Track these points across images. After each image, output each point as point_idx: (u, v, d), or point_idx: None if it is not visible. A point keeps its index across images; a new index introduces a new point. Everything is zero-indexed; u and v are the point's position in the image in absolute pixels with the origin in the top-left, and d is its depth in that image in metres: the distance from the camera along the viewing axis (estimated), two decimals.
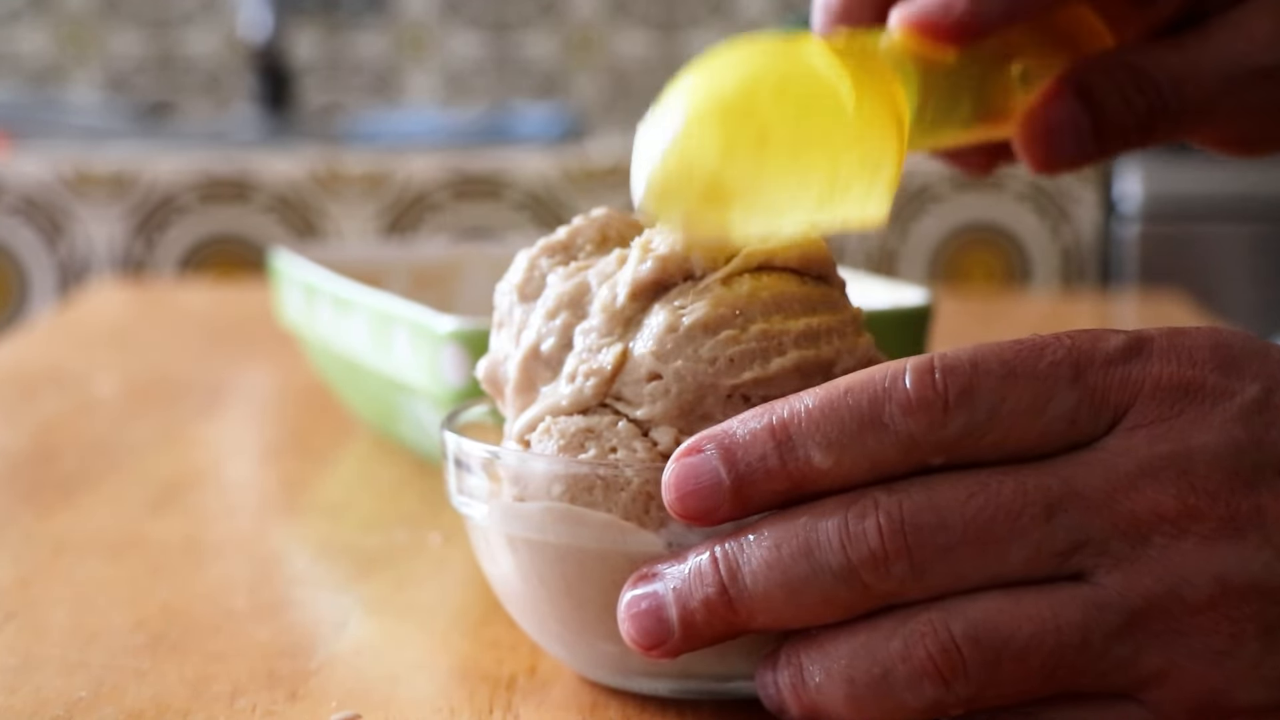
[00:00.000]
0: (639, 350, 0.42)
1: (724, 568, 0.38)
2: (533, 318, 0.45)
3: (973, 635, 0.36)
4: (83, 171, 1.70)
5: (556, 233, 0.46)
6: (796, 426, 0.37)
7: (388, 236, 1.71)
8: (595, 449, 0.42)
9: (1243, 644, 0.36)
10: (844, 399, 0.37)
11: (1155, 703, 0.37)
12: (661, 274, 0.43)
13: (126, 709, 0.44)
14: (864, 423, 0.37)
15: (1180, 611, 0.36)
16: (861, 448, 0.37)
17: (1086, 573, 0.36)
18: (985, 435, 0.37)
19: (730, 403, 0.42)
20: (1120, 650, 0.36)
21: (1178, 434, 0.36)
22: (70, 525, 0.61)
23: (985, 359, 0.37)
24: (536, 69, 2.24)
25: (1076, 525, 0.36)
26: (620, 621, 0.39)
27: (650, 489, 0.41)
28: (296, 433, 0.80)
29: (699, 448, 0.38)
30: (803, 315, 0.43)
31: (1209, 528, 0.36)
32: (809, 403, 0.37)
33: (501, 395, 0.46)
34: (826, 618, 0.37)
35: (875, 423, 0.37)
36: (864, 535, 0.36)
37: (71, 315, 1.12)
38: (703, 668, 0.42)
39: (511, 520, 0.43)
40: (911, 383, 0.37)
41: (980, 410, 0.37)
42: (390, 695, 0.45)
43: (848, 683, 0.37)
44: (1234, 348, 0.38)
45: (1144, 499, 0.36)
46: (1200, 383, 0.37)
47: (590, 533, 0.42)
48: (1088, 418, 0.37)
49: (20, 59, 2.24)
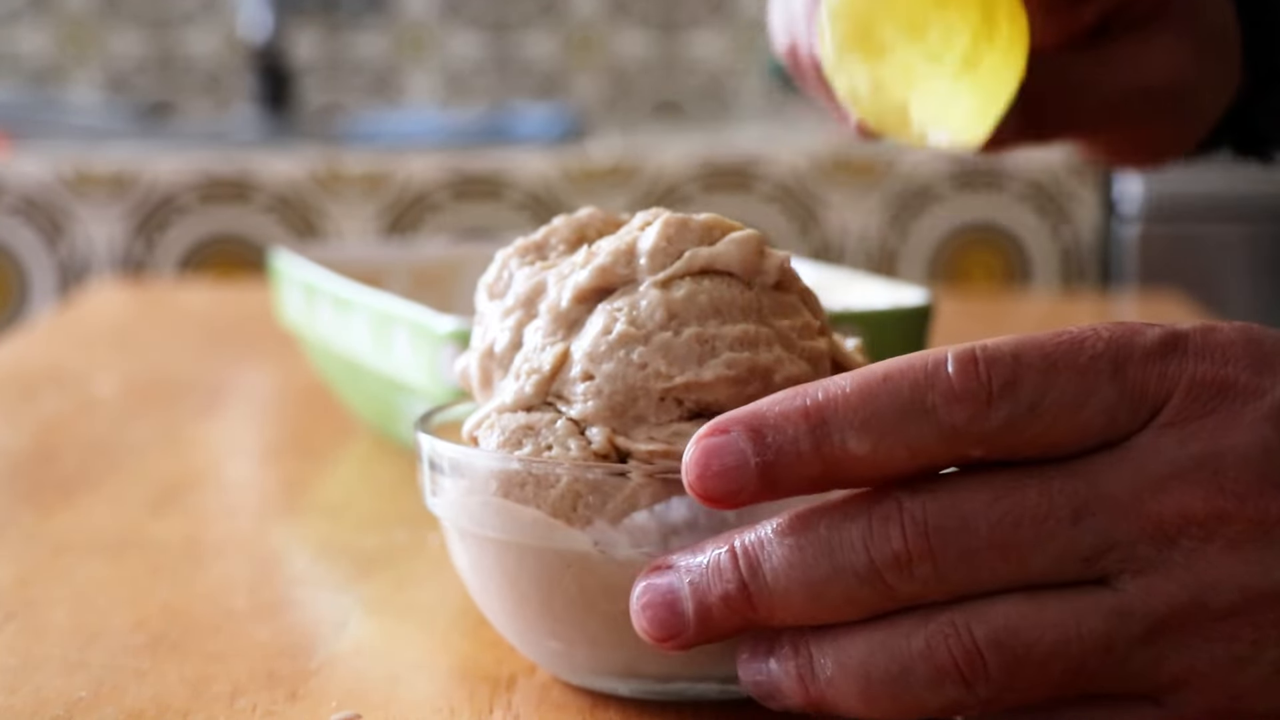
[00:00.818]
0: (577, 351, 0.43)
1: (744, 564, 0.37)
2: (493, 316, 0.45)
3: (995, 640, 0.36)
4: (83, 171, 1.70)
5: (535, 233, 0.47)
6: (833, 410, 0.36)
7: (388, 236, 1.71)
8: (531, 446, 0.42)
9: (1265, 650, 0.36)
10: (882, 385, 0.36)
11: (1175, 705, 0.37)
12: (603, 280, 0.43)
13: (126, 709, 0.44)
14: (905, 410, 0.36)
15: (1204, 618, 0.36)
16: (901, 435, 0.36)
17: (1111, 577, 0.36)
18: (1026, 429, 0.36)
19: (663, 405, 0.42)
20: (1143, 656, 0.36)
21: (1209, 434, 0.36)
22: (70, 525, 0.61)
23: (1027, 351, 0.36)
24: (536, 69, 2.24)
25: (1103, 529, 0.36)
26: (633, 612, 0.39)
27: (578, 487, 0.41)
28: (296, 433, 0.80)
29: (724, 428, 0.37)
30: (741, 320, 0.43)
31: (1236, 530, 0.36)
32: (846, 387, 0.37)
33: (473, 392, 0.46)
34: (847, 616, 0.37)
35: (917, 411, 0.36)
36: (888, 538, 0.36)
37: (71, 315, 1.11)
38: (652, 668, 0.43)
39: (459, 514, 0.44)
40: (955, 372, 0.36)
41: (1023, 403, 0.36)
42: (390, 695, 0.45)
43: (863, 677, 0.37)
44: (1265, 345, 0.37)
45: (1172, 501, 0.36)
46: (1233, 381, 0.37)
47: (523, 528, 0.42)
48: (1126, 413, 0.36)
49: (20, 59, 2.24)
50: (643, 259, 0.43)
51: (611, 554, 0.41)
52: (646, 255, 0.43)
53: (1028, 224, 1.75)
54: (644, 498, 0.41)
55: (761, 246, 0.44)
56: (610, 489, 0.41)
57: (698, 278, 0.43)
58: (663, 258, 0.43)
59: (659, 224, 0.44)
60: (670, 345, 0.42)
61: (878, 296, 0.66)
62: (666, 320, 0.42)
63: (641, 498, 0.41)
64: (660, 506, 0.41)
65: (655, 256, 0.43)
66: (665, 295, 0.42)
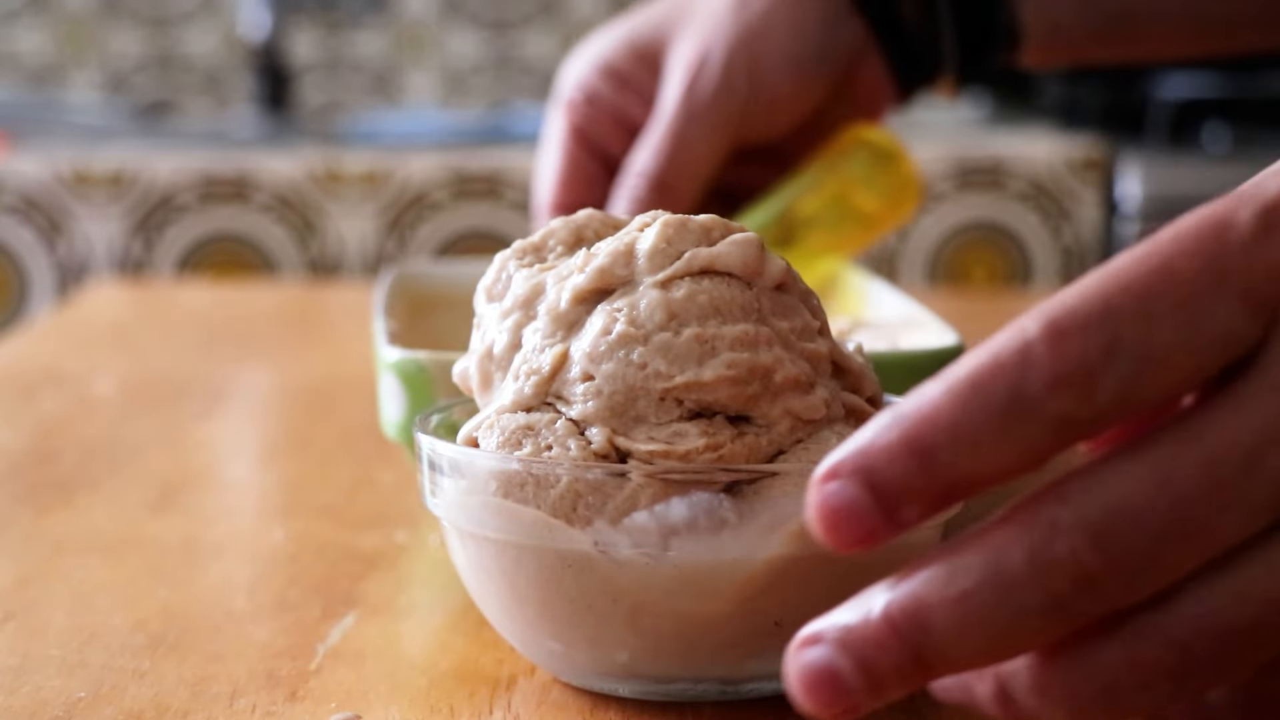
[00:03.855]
0: (576, 352, 0.43)
1: (910, 633, 0.33)
2: (491, 319, 0.45)
3: (1199, 629, 0.33)
4: (82, 171, 1.70)
5: (533, 235, 0.47)
6: (933, 434, 0.33)
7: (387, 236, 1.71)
8: (531, 446, 0.42)
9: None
10: (974, 393, 0.33)
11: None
12: (601, 281, 0.43)
13: (126, 709, 0.44)
14: (1008, 414, 0.32)
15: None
16: (1014, 442, 0.33)
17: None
18: (1144, 386, 0.32)
19: (663, 405, 0.42)
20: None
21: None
22: (69, 525, 0.61)
23: (1116, 298, 0.33)
24: (536, 69, 2.24)
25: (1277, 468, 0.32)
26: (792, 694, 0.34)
27: (578, 488, 0.41)
28: (296, 433, 0.80)
29: (836, 473, 0.34)
30: (741, 320, 0.42)
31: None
32: (939, 402, 0.33)
33: (473, 395, 0.46)
34: (1038, 647, 0.34)
35: (1021, 410, 0.32)
36: (1057, 563, 0.32)
37: (71, 315, 1.11)
38: (651, 669, 0.43)
39: (459, 515, 0.43)
40: (1047, 353, 0.32)
41: (1131, 360, 0.32)
42: (390, 695, 0.45)
43: (1069, 700, 0.34)
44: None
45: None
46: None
47: (522, 528, 0.42)
48: (1245, 326, 0.33)
49: (20, 59, 2.24)
50: (642, 260, 0.43)
51: (611, 554, 0.41)
52: (646, 256, 0.43)
53: (1028, 223, 1.75)
54: (644, 498, 0.41)
55: (762, 247, 0.44)
56: (610, 489, 0.41)
57: (698, 278, 0.43)
58: (662, 258, 0.43)
59: (658, 225, 0.44)
60: (670, 345, 0.42)
61: (908, 339, 0.63)
62: (666, 320, 0.42)
63: (641, 498, 0.41)
64: (660, 507, 0.41)
65: (654, 257, 0.43)
66: (665, 295, 0.42)
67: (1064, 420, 0.32)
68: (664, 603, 0.41)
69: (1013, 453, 0.33)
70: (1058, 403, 0.32)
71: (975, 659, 0.34)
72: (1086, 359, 0.32)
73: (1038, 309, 0.33)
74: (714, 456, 0.41)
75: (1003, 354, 0.33)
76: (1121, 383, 0.32)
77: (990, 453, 0.33)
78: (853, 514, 0.33)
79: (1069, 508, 0.33)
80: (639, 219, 0.45)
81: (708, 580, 0.41)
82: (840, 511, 0.33)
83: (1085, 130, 1.87)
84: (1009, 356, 0.33)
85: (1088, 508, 0.32)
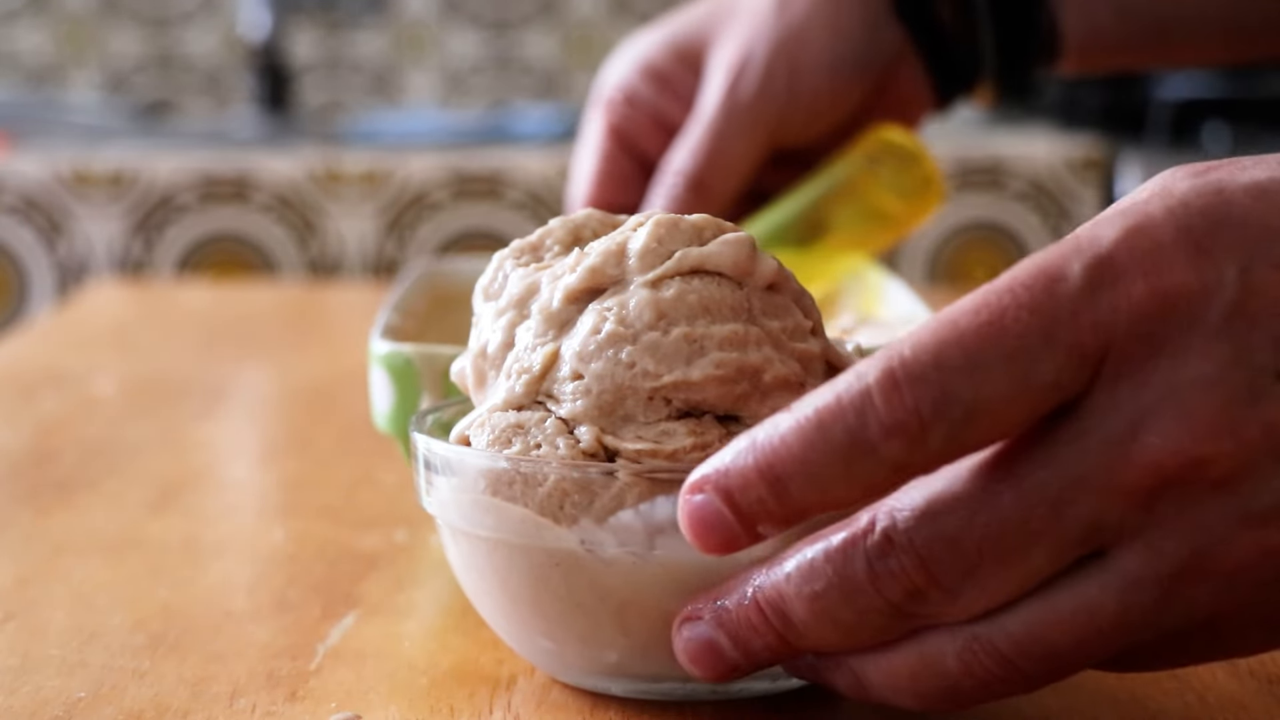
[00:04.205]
0: (566, 351, 0.43)
1: (774, 618, 0.38)
2: (487, 317, 0.45)
3: (1020, 648, 0.36)
4: (81, 171, 1.70)
5: (531, 234, 0.47)
6: (782, 466, 0.36)
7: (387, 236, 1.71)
8: (520, 444, 0.42)
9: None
10: (819, 433, 0.36)
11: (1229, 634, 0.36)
12: (593, 281, 0.43)
13: (126, 709, 0.44)
14: (847, 455, 0.36)
15: (1213, 566, 0.35)
16: (852, 480, 0.36)
17: (1109, 549, 0.35)
18: (972, 434, 0.35)
19: (652, 404, 0.42)
20: (1168, 618, 0.36)
21: (1161, 375, 0.34)
22: (69, 525, 0.61)
23: (948, 353, 0.35)
24: (536, 69, 2.24)
25: (1085, 514, 0.35)
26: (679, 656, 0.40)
27: (565, 486, 0.41)
28: (296, 433, 0.80)
29: (699, 487, 0.38)
30: (730, 320, 0.42)
31: (1220, 470, 0.34)
32: (788, 438, 0.36)
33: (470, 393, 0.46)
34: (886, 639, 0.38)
35: (858, 453, 0.36)
36: (892, 575, 0.36)
37: (71, 315, 1.11)
38: (642, 668, 0.43)
39: (451, 513, 0.44)
40: (881, 403, 0.35)
41: (959, 413, 0.35)
42: (390, 695, 0.45)
43: (913, 691, 0.38)
44: (1195, 229, 0.35)
45: (1145, 460, 0.34)
46: (1174, 292, 0.35)
47: (512, 527, 0.42)
48: (1071, 377, 0.35)
49: (19, 59, 2.24)
50: (633, 259, 0.43)
51: (598, 553, 0.41)
52: (637, 255, 0.43)
53: (1029, 223, 1.75)
54: (630, 497, 0.41)
55: (754, 247, 0.44)
56: (597, 488, 0.41)
57: (688, 278, 0.43)
58: (653, 258, 0.43)
59: (650, 224, 0.44)
60: (658, 345, 0.42)
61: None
62: (655, 320, 0.42)
63: (628, 497, 0.41)
64: (646, 506, 0.41)
65: (645, 257, 0.43)
66: (654, 295, 0.42)
67: (899, 464, 0.36)
68: (651, 602, 0.41)
69: (856, 487, 0.36)
70: (892, 448, 0.35)
71: (832, 645, 0.38)
72: (919, 410, 0.35)
73: (881, 353, 0.36)
74: (701, 456, 0.41)
75: (845, 399, 0.36)
76: (953, 430, 0.35)
77: (834, 487, 0.36)
78: (715, 525, 0.38)
79: (899, 526, 0.36)
80: (633, 219, 0.45)
81: (694, 579, 0.41)
82: (704, 522, 0.38)
83: (1085, 130, 1.87)
84: (850, 402, 0.36)
85: (914, 528, 0.36)
